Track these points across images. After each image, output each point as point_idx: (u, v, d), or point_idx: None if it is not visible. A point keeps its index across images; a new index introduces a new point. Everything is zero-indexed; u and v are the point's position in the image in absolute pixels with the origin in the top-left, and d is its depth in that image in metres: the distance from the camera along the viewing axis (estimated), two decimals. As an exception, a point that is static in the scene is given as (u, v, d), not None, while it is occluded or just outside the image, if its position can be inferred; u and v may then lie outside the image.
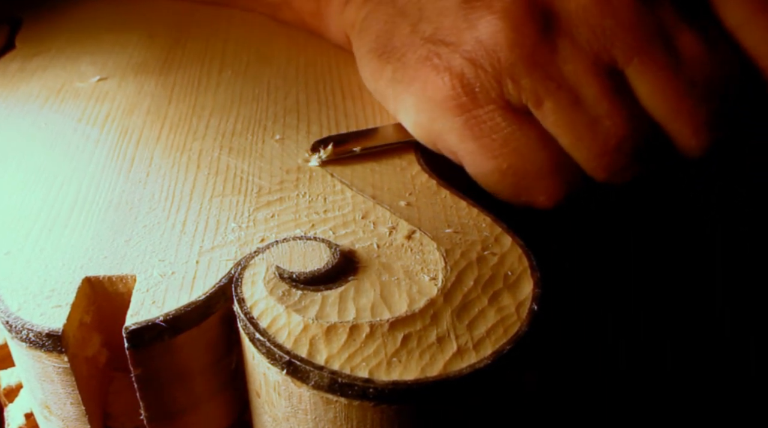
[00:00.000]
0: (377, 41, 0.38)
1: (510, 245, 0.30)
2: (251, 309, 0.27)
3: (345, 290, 0.28)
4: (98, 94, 0.42)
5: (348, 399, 0.25)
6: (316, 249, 0.30)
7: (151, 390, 0.28)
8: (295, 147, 0.37)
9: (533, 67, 0.31)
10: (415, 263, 0.29)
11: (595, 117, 0.31)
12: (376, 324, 0.27)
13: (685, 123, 0.31)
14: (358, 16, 0.41)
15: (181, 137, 0.38)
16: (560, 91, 0.31)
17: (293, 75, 0.44)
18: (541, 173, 0.33)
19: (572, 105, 0.31)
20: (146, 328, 0.27)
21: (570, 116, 0.31)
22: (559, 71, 0.31)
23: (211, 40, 0.49)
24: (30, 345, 0.27)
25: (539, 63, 0.31)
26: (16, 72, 0.45)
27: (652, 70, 0.30)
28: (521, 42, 0.31)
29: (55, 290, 0.28)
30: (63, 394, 0.29)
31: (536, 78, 0.31)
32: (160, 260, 0.30)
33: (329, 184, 0.34)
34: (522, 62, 0.31)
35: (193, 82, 0.43)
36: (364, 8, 0.40)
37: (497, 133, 0.32)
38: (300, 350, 0.26)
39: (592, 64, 0.31)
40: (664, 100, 0.31)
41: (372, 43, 0.38)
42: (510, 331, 0.27)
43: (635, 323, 0.43)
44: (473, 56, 0.32)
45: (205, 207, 0.33)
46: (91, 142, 0.38)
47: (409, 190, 0.34)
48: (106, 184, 0.34)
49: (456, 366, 0.25)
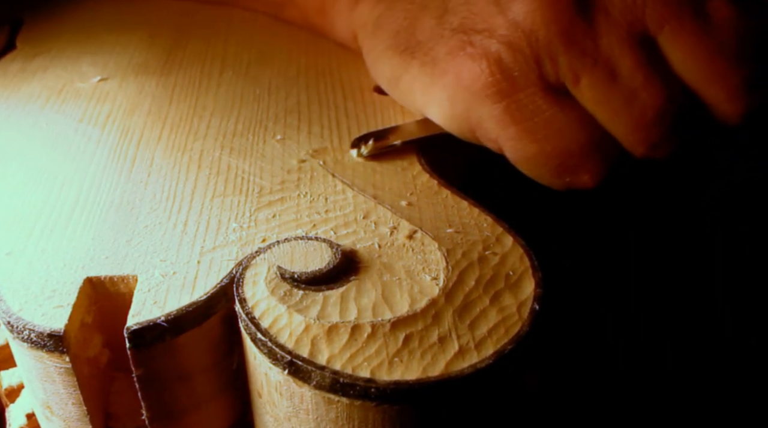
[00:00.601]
0: (397, 38, 0.38)
1: (511, 245, 0.30)
2: (253, 309, 0.27)
3: (346, 290, 0.28)
4: (99, 94, 0.42)
5: (350, 399, 0.25)
6: (318, 249, 0.30)
7: (153, 390, 0.28)
8: (296, 147, 0.37)
9: (570, 44, 0.31)
10: (417, 263, 0.29)
11: (631, 90, 0.31)
12: (378, 323, 0.27)
13: (721, 87, 0.31)
14: (371, 15, 0.40)
15: (182, 137, 0.38)
16: (596, 67, 0.31)
17: (294, 75, 0.44)
18: (583, 152, 0.32)
19: (609, 80, 0.31)
20: (148, 328, 0.27)
21: (607, 92, 0.31)
22: (595, 46, 0.31)
23: (212, 41, 0.49)
24: (31, 345, 0.27)
25: (575, 39, 0.31)
26: (18, 72, 0.45)
27: (683, 35, 0.30)
28: (557, 18, 0.31)
29: (57, 291, 0.28)
30: (64, 394, 0.29)
31: (573, 55, 0.31)
32: (161, 261, 0.30)
33: (330, 184, 0.34)
34: (559, 39, 0.31)
35: (194, 82, 0.43)
36: (378, 7, 0.40)
37: (539, 115, 0.32)
38: (301, 350, 0.26)
39: (626, 36, 0.31)
40: (696, 65, 0.31)
41: (390, 40, 0.38)
42: (511, 331, 0.27)
43: (635, 323, 0.43)
44: (510, 39, 0.32)
45: (207, 207, 0.33)
46: (92, 142, 0.38)
47: (411, 190, 0.34)
48: (108, 184, 0.34)
49: (457, 365, 0.25)
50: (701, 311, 0.44)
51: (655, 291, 0.44)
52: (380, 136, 0.37)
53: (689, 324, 0.44)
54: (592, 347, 0.41)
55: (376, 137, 0.36)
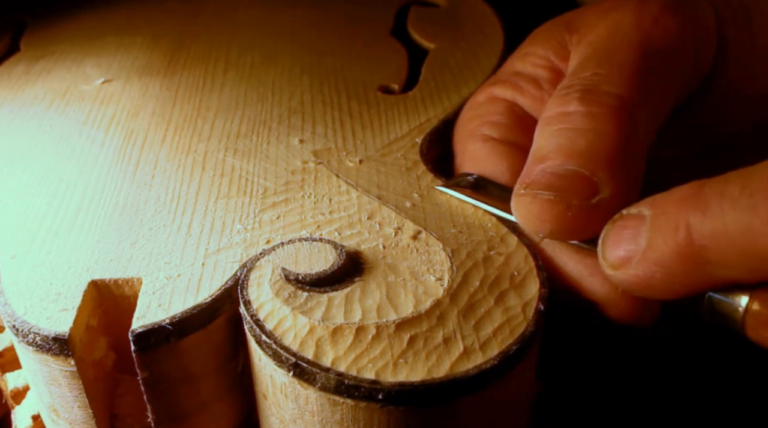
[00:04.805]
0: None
1: (516, 245, 0.30)
2: (257, 311, 0.27)
3: (351, 291, 0.28)
4: (103, 96, 0.42)
5: (355, 400, 0.25)
6: (322, 250, 0.30)
7: (158, 392, 0.28)
8: (300, 148, 0.37)
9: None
10: (421, 264, 0.29)
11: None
12: (383, 325, 0.27)
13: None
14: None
15: (186, 138, 0.38)
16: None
17: (298, 76, 0.44)
18: None
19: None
20: (152, 331, 0.27)
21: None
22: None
23: (216, 42, 0.49)
24: (36, 348, 0.27)
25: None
26: (22, 75, 0.45)
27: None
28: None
29: (62, 294, 0.28)
30: (70, 397, 0.29)
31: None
32: (165, 263, 0.30)
33: (334, 185, 0.34)
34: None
35: (197, 83, 0.43)
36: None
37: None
38: (306, 352, 0.26)
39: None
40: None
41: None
42: (516, 331, 0.27)
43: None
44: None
45: (211, 209, 0.33)
46: (96, 144, 0.38)
47: (415, 190, 0.34)
48: (112, 186, 0.34)
49: (462, 366, 0.25)
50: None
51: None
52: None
53: (693, 323, 0.43)
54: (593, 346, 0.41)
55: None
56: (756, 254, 0.23)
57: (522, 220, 0.30)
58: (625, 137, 0.29)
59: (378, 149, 0.37)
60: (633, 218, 0.27)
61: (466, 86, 0.42)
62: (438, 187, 0.34)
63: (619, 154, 0.29)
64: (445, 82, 0.43)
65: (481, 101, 0.37)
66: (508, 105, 0.36)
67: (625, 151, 0.29)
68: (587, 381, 0.39)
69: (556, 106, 0.31)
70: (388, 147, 0.37)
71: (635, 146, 0.30)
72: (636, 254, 0.26)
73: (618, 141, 0.29)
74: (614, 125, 0.29)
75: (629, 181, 0.29)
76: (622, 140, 0.29)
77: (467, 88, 0.42)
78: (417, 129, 0.38)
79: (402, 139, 0.38)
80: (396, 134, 0.38)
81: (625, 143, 0.29)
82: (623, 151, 0.29)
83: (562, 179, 0.29)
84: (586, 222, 0.28)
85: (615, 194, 0.28)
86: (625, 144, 0.29)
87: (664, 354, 0.41)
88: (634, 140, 0.30)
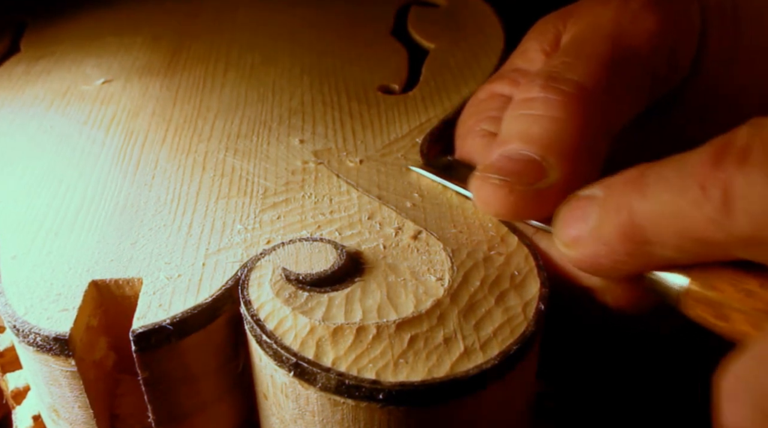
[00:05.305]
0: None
1: (516, 245, 0.30)
2: (258, 311, 0.27)
3: (351, 291, 0.28)
4: (103, 96, 0.42)
5: (355, 400, 0.25)
6: (323, 251, 0.30)
7: (159, 392, 0.28)
8: (300, 148, 0.37)
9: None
10: (422, 264, 0.29)
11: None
12: (383, 325, 0.27)
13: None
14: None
15: (186, 138, 0.38)
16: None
17: (298, 76, 0.44)
18: None
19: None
20: (153, 331, 0.27)
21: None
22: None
23: (216, 42, 0.49)
24: (37, 348, 0.27)
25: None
26: (22, 75, 0.45)
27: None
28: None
29: (62, 294, 0.28)
30: (71, 397, 0.29)
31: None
32: (166, 263, 0.30)
33: (335, 185, 0.34)
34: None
35: (197, 83, 0.43)
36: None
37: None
38: (307, 352, 0.26)
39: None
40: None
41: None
42: (517, 331, 0.27)
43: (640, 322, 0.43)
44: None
45: (211, 209, 0.33)
46: (96, 144, 0.38)
47: (415, 190, 0.34)
48: (112, 187, 0.34)
49: (463, 366, 0.25)
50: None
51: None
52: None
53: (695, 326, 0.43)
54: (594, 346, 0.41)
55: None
56: (688, 235, 0.24)
57: (475, 201, 0.31)
58: (581, 124, 0.30)
59: (378, 149, 0.37)
60: (585, 199, 0.27)
61: (467, 86, 0.42)
62: (411, 167, 0.35)
63: (574, 140, 0.30)
64: (445, 82, 0.43)
65: (482, 98, 0.37)
66: (506, 100, 0.36)
67: (580, 137, 0.30)
68: (587, 380, 0.39)
69: (522, 92, 0.32)
70: (388, 147, 0.37)
71: (593, 134, 0.30)
72: (585, 233, 0.27)
73: (573, 128, 0.30)
74: (570, 113, 0.30)
75: (582, 167, 0.30)
76: (578, 127, 0.30)
77: (467, 88, 0.42)
78: (417, 129, 0.38)
79: (402, 139, 0.38)
80: (396, 134, 0.38)
81: (580, 130, 0.30)
82: (578, 137, 0.30)
83: (514, 162, 0.30)
84: (532, 205, 0.29)
85: (563, 179, 0.29)
86: (581, 131, 0.30)
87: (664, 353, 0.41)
88: (592, 128, 0.30)
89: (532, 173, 0.29)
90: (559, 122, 0.30)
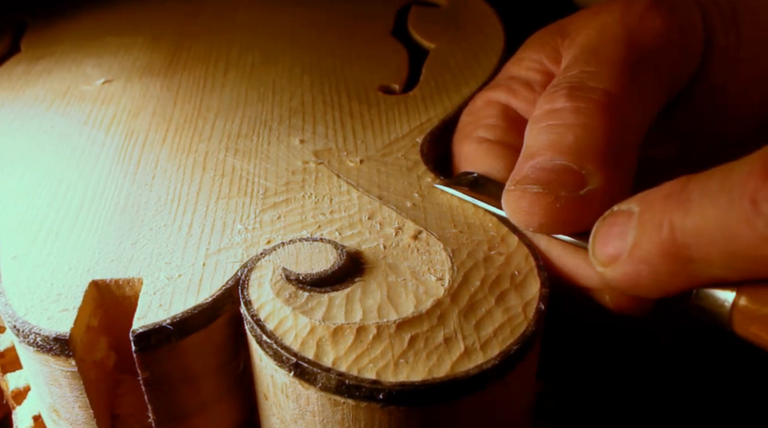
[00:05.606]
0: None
1: (516, 245, 0.30)
2: (258, 311, 0.27)
3: (351, 291, 0.28)
4: (104, 96, 0.42)
5: (356, 400, 0.25)
6: (323, 251, 0.30)
7: (159, 393, 0.28)
8: (300, 148, 0.37)
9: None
10: (422, 264, 0.29)
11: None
12: (383, 325, 0.27)
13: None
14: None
15: (187, 138, 0.38)
16: None
17: (298, 76, 0.44)
18: None
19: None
20: (153, 331, 0.27)
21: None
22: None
23: (216, 42, 0.49)
24: (37, 349, 0.27)
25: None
26: (22, 75, 0.45)
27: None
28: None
29: (62, 294, 0.28)
30: (71, 398, 0.29)
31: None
32: (166, 263, 0.30)
33: (335, 185, 0.34)
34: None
35: (198, 83, 0.43)
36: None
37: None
38: (307, 352, 0.26)
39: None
40: None
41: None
42: (517, 331, 0.27)
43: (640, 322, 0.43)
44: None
45: (211, 209, 0.33)
46: (97, 145, 0.38)
47: (415, 190, 0.34)
48: (113, 187, 0.34)
49: (463, 366, 0.25)
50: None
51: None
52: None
53: (696, 324, 0.43)
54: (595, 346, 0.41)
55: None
56: (738, 253, 0.23)
57: (512, 215, 0.30)
58: (612, 130, 0.30)
59: (379, 149, 0.37)
60: (622, 215, 0.26)
61: (467, 86, 0.42)
62: (437, 185, 0.34)
63: (608, 147, 0.29)
64: (445, 82, 0.43)
65: (478, 106, 0.37)
66: (502, 108, 0.36)
67: (613, 144, 0.29)
68: (587, 380, 0.39)
69: (545, 104, 0.32)
70: (388, 147, 0.37)
71: (624, 139, 0.30)
72: (624, 251, 0.26)
73: (606, 134, 0.29)
74: (601, 119, 0.30)
75: (618, 173, 0.29)
76: (610, 133, 0.30)
77: (468, 88, 0.42)
78: (417, 129, 0.38)
79: (402, 139, 0.38)
80: (396, 133, 0.38)
81: (613, 136, 0.30)
82: (611, 144, 0.29)
83: (551, 173, 0.29)
84: (576, 214, 0.28)
85: (604, 185, 0.29)
86: (613, 137, 0.30)
87: (664, 353, 0.41)
88: (623, 133, 0.30)
89: (574, 181, 0.29)
90: (592, 129, 0.29)
